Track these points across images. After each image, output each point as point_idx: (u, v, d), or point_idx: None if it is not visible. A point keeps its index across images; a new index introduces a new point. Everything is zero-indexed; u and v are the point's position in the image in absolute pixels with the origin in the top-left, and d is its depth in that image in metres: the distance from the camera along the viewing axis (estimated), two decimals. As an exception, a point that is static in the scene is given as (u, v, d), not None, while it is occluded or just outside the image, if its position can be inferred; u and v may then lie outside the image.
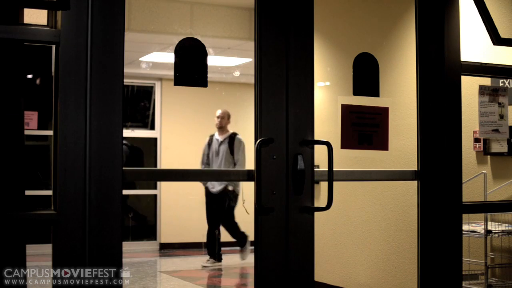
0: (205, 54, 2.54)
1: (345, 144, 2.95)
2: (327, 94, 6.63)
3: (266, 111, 2.58)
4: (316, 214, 2.76)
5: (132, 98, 10.41)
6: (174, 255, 9.78)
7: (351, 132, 2.98)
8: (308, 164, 2.67)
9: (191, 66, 2.52)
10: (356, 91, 3.04)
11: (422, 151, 2.96)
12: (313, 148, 2.73)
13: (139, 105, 10.62)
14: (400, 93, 5.65)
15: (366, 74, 3.05)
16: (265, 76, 2.58)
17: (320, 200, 7.25)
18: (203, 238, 10.43)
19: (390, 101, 3.19)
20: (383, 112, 3.05)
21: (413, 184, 5.51)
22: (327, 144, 2.73)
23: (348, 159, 6.23)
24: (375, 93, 3.04)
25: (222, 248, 10.41)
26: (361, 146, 3.05)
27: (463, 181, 3.08)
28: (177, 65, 2.50)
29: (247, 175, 2.70)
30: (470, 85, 4.44)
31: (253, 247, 3.54)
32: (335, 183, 2.82)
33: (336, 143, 3.47)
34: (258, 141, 2.51)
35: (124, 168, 2.17)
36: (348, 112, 2.97)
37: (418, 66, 2.96)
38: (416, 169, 3.01)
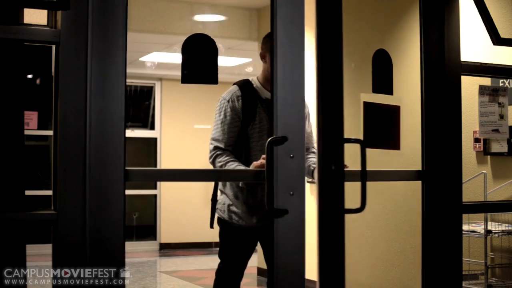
0: (215, 50, 2.48)
1: (368, 143, 2.88)
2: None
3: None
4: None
5: (132, 98, 10.41)
6: (174, 255, 9.78)
7: (373, 130, 2.92)
8: (338, 164, 2.62)
9: (200, 63, 2.47)
10: (375, 89, 2.99)
11: (426, 151, 2.95)
12: (343, 147, 2.66)
13: (139, 105, 10.62)
14: (398, 92, 5.65)
15: (382, 72, 3.01)
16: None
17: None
18: (203, 238, 10.46)
19: (400, 99, 3.15)
20: (396, 111, 3.02)
21: (413, 184, 5.51)
22: (360, 142, 2.69)
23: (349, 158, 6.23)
24: (390, 91, 3.01)
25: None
26: (381, 145, 2.99)
27: (463, 181, 3.07)
28: (185, 62, 2.45)
29: (254, 176, 2.68)
30: (470, 85, 4.44)
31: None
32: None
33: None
34: (269, 139, 2.41)
35: (126, 168, 2.16)
36: (369, 110, 2.92)
37: (423, 66, 2.95)
38: (419, 169, 3.01)
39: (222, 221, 3.65)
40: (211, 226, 3.74)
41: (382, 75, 2.97)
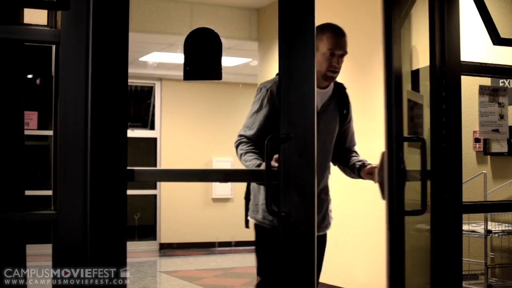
0: (219, 45, 2.36)
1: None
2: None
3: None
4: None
5: (132, 98, 10.42)
6: (174, 255, 9.79)
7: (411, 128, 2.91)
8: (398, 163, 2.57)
9: (203, 59, 2.36)
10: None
11: (433, 151, 2.94)
12: (402, 145, 2.63)
13: (139, 105, 10.63)
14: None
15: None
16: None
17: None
18: (203, 238, 10.47)
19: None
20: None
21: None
22: (422, 140, 2.67)
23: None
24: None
25: (223, 248, 10.43)
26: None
27: (463, 181, 3.07)
28: (187, 58, 2.35)
29: (257, 176, 2.65)
30: (470, 85, 4.44)
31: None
32: (334, 183, 2.80)
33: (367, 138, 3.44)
34: (268, 137, 2.30)
35: (128, 168, 2.16)
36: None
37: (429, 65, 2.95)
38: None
39: (257, 226, 3.25)
40: (246, 226, 3.34)
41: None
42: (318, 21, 2.61)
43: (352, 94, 3.63)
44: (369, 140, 5.95)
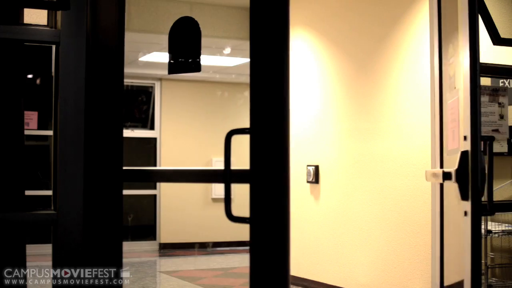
0: (198, 34, 2.31)
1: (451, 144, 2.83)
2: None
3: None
4: (316, 215, 2.72)
5: (131, 98, 10.41)
6: (174, 255, 9.78)
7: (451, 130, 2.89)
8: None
9: (184, 51, 2.33)
10: None
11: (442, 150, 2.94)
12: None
13: (139, 105, 10.62)
14: (405, 92, 5.65)
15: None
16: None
17: (320, 201, 7.24)
18: (203, 238, 10.46)
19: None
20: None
21: (413, 184, 5.51)
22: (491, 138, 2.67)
23: (351, 157, 6.23)
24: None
25: (223, 248, 10.43)
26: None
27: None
28: (171, 51, 2.32)
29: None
30: (470, 85, 4.43)
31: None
32: (334, 183, 2.80)
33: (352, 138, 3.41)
34: (229, 131, 2.20)
35: (124, 168, 2.17)
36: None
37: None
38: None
39: None
40: None
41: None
42: (319, 21, 2.62)
43: (352, 94, 3.63)
44: (369, 140, 5.96)
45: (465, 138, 2.56)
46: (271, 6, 2.18)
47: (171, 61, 2.32)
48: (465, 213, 2.56)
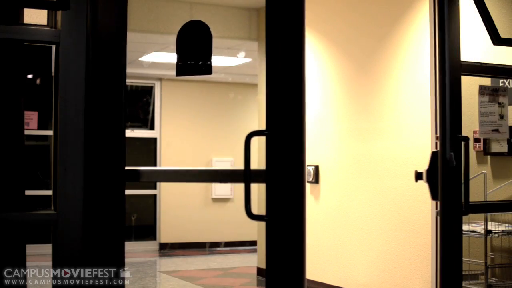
0: (209, 37, 2.31)
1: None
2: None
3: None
4: (316, 215, 2.72)
5: (131, 98, 10.42)
6: (174, 255, 9.79)
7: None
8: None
9: (194, 53, 2.33)
10: None
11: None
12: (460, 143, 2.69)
13: (139, 105, 10.63)
14: (405, 92, 5.65)
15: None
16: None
17: (320, 201, 7.23)
18: (203, 238, 10.47)
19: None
20: None
21: (413, 184, 5.51)
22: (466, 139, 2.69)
23: (351, 157, 6.23)
24: None
25: (223, 248, 10.43)
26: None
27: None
28: (180, 53, 2.32)
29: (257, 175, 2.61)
30: (470, 85, 4.44)
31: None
32: (334, 183, 2.80)
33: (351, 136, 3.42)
34: (249, 133, 2.25)
35: (126, 168, 2.16)
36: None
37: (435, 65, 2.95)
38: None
39: None
40: None
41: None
42: (319, 21, 2.61)
43: (352, 94, 3.63)
44: (369, 140, 5.96)
45: (437, 138, 2.61)
46: (287, 7, 2.21)
47: (179, 63, 2.32)
48: (437, 214, 2.58)
